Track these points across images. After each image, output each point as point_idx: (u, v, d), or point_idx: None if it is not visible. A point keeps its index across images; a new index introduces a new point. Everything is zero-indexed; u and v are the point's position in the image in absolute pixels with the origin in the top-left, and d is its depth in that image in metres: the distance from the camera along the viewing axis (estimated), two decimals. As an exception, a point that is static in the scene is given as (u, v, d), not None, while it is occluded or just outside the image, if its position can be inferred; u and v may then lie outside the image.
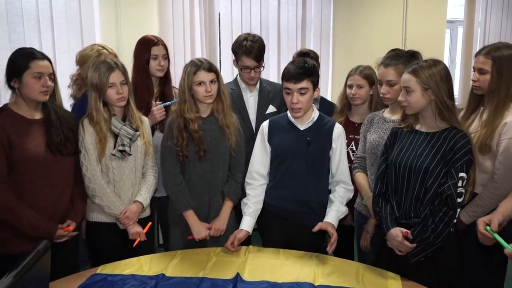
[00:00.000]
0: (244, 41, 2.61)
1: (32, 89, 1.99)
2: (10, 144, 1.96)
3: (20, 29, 3.14)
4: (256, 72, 2.65)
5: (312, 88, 2.15)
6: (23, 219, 1.98)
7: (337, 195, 2.21)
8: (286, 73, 2.15)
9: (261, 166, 2.28)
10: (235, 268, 1.95)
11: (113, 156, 2.20)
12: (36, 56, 2.01)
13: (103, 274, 1.91)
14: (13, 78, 2.00)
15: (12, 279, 1.18)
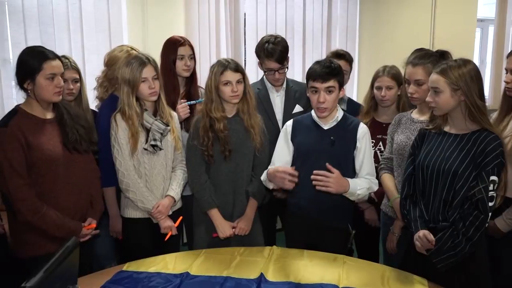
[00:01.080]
0: (266, 43, 2.61)
1: (46, 90, 1.98)
2: (28, 145, 1.94)
3: (50, 30, 3.22)
4: (280, 73, 2.65)
5: (338, 88, 2.14)
6: (48, 220, 1.98)
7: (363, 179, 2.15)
8: (312, 73, 2.14)
9: (281, 164, 2.26)
10: (259, 268, 1.95)
11: (145, 151, 2.24)
12: (48, 56, 1.97)
13: (129, 271, 1.94)
14: (26, 80, 1.97)
15: (42, 274, 1.21)
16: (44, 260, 1.29)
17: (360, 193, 2.11)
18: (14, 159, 1.91)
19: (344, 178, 2.05)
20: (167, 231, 2.27)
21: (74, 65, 2.45)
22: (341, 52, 2.91)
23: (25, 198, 1.94)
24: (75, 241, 1.46)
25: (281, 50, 2.59)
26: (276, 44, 2.59)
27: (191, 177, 2.32)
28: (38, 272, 1.22)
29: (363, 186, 2.12)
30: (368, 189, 2.15)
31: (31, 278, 1.19)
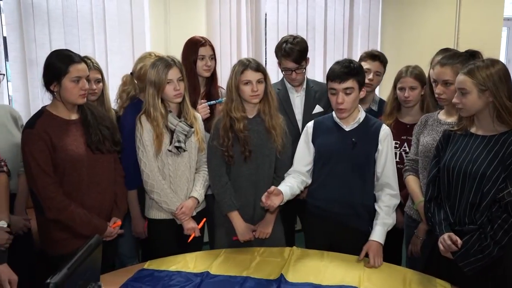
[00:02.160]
0: (284, 43, 2.60)
1: (72, 93, 2.02)
2: (53, 146, 1.99)
3: (75, 32, 3.28)
4: (297, 73, 2.63)
5: (358, 88, 2.12)
6: (76, 217, 2.02)
7: (383, 206, 2.15)
8: (330, 73, 2.13)
9: (302, 166, 2.26)
10: (279, 268, 1.95)
11: (169, 152, 2.25)
12: (74, 59, 2.01)
13: (150, 270, 1.96)
14: (52, 82, 2.01)
15: (66, 270, 1.23)
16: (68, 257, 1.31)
17: (392, 224, 2.15)
18: (40, 159, 1.96)
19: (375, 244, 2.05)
20: (190, 232, 2.28)
21: (96, 65, 2.48)
22: (375, 53, 2.86)
23: (53, 196, 1.99)
24: (98, 239, 1.48)
25: (299, 50, 2.58)
26: (295, 44, 2.58)
27: (212, 179, 2.32)
28: (62, 268, 1.24)
29: (388, 223, 2.13)
30: (394, 209, 2.16)
31: (55, 275, 1.22)
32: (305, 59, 2.64)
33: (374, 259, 2.00)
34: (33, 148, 1.96)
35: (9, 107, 2.56)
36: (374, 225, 2.13)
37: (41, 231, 2.14)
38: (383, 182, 2.17)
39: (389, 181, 2.17)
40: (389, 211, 2.14)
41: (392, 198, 2.16)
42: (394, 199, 2.17)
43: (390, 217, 2.14)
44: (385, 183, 2.17)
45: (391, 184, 2.17)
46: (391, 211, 2.15)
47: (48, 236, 2.09)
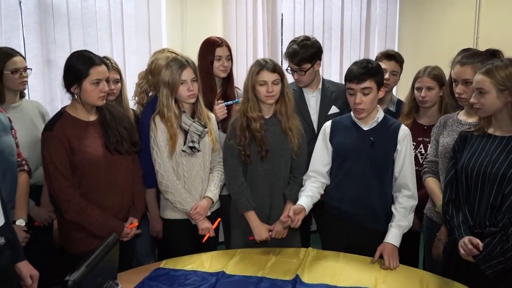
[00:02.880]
0: (292, 43, 2.60)
1: (91, 95, 2.03)
2: (72, 148, 2.01)
3: (93, 33, 3.32)
4: (299, 75, 2.61)
5: (376, 88, 2.10)
6: (92, 219, 2.04)
7: (399, 207, 2.13)
8: (348, 74, 2.12)
9: (321, 166, 2.25)
10: (294, 269, 1.95)
11: (183, 153, 2.26)
12: (95, 62, 2.03)
13: (166, 269, 1.98)
14: (73, 84, 2.03)
15: (85, 268, 1.25)
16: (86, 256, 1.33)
17: (408, 226, 2.13)
18: (58, 162, 1.99)
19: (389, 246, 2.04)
20: (204, 232, 2.29)
21: (115, 66, 2.51)
22: (391, 52, 2.84)
23: (70, 199, 2.01)
24: (115, 237, 1.50)
25: (302, 53, 2.54)
26: (300, 46, 2.56)
27: (228, 179, 2.33)
28: (80, 266, 1.26)
29: (403, 225, 2.10)
30: (410, 211, 2.14)
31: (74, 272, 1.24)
32: (310, 63, 2.58)
33: (389, 261, 1.99)
34: (52, 151, 1.99)
35: (37, 103, 2.61)
36: (389, 227, 2.11)
37: (60, 230, 2.18)
38: (401, 183, 2.15)
39: (406, 182, 2.14)
40: (405, 213, 2.12)
41: (409, 199, 2.14)
42: (411, 201, 2.14)
43: (406, 219, 2.12)
44: (402, 184, 2.15)
45: (408, 185, 2.14)
46: (408, 213, 2.13)
47: (66, 234, 2.13)
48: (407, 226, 2.12)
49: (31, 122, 2.40)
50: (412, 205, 2.15)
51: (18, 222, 2.03)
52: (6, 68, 2.29)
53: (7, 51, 2.36)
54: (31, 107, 2.47)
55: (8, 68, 2.30)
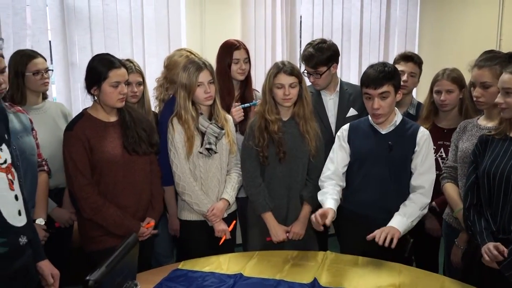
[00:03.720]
0: (308, 45, 2.59)
1: (110, 97, 2.08)
2: (91, 147, 2.06)
3: (114, 36, 3.37)
4: (315, 78, 2.60)
5: (393, 92, 2.07)
6: (108, 218, 2.08)
7: (408, 202, 2.08)
8: (365, 78, 2.09)
9: (341, 168, 2.22)
10: (312, 273, 1.94)
11: (200, 154, 2.28)
12: (114, 65, 2.07)
13: (184, 270, 1.99)
14: (93, 86, 2.08)
15: (105, 268, 1.27)
16: (106, 255, 1.35)
17: (415, 221, 2.06)
18: (78, 160, 2.04)
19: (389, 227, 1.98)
20: (221, 234, 2.30)
21: (138, 68, 2.55)
22: (408, 54, 2.80)
23: (88, 197, 2.06)
24: (135, 238, 1.52)
25: (317, 56, 2.53)
26: (316, 50, 2.54)
27: (246, 180, 2.33)
28: (100, 266, 1.28)
29: (408, 212, 2.04)
30: (421, 209, 2.08)
31: (94, 272, 1.25)
32: (326, 66, 2.56)
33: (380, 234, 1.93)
34: (72, 150, 2.04)
35: (61, 105, 2.67)
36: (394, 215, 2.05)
37: (79, 228, 2.23)
38: (417, 184, 2.11)
39: (422, 181, 2.10)
40: (413, 207, 2.05)
41: (422, 196, 2.08)
42: (423, 198, 2.08)
43: (413, 210, 2.04)
44: (418, 183, 2.10)
45: (423, 184, 2.09)
46: (416, 207, 2.05)
47: (84, 232, 2.17)
48: (411, 214, 2.03)
49: (53, 123, 2.45)
50: (423, 202, 2.08)
51: (38, 221, 2.07)
52: (27, 69, 2.34)
53: (28, 53, 2.40)
54: (54, 108, 2.52)
55: (30, 70, 2.34)
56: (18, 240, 1.55)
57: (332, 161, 2.24)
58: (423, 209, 2.10)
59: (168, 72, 2.67)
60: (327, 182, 2.20)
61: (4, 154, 1.53)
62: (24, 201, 1.62)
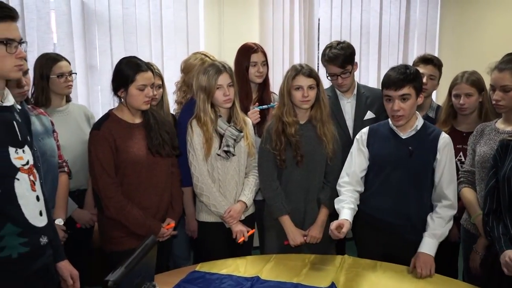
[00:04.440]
0: (328, 49, 2.59)
1: (137, 100, 2.12)
2: (117, 147, 2.10)
3: (133, 39, 3.41)
4: (343, 79, 2.59)
5: (415, 94, 2.04)
6: (131, 217, 2.11)
7: (435, 216, 2.06)
8: (386, 80, 2.07)
9: (358, 172, 2.20)
10: (330, 277, 1.92)
11: (218, 156, 2.29)
12: (141, 68, 2.11)
13: (201, 272, 1.99)
14: (120, 89, 2.13)
15: (124, 269, 1.28)
16: (125, 256, 1.36)
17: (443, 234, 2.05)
18: (104, 160, 2.08)
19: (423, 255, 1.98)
20: (239, 235, 2.29)
21: (158, 72, 2.59)
22: (428, 56, 2.78)
23: (112, 196, 2.09)
24: (153, 239, 1.53)
25: (343, 55, 2.54)
26: (339, 49, 2.55)
27: (263, 183, 2.33)
28: (119, 267, 1.29)
29: (437, 233, 2.03)
30: (448, 221, 2.06)
31: (113, 273, 1.26)
32: (351, 64, 2.59)
33: (421, 269, 1.93)
34: (98, 149, 2.08)
35: (84, 107, 2.72)
36: (423, 236, 2.04)
37: (100, 228, 2.26)
38: (440, 193, 2.08)
39: (446, 191, 2.07)
40: (441, 222, 2.05)
41: (448, 209, 2.07)
42: (450, 210, 2.07)
43: (442, 228, 2.04)
44: (442, 194, 2.08)
45: (448, 195, 2.07)
46: (444, 222, 2.05)
47: (105, 233, 2.20)
48: (442, 235, 2.04)
49: (76, 125, 2.50)
50: (450, 215, 2.07)
51: (57, 222, 2.11)
52: (52, 72, 2.39)
53: (53, 56, 2.46)
54: (77, 110, 2.57)
55: (54, 73, 2.40)
56: (39, 240, 1.58)
57: (350, 165, 2.22)
58: (451, 221, 2.08)
59: (185, 75, 2.71)
60: (344, 188, 2.18)
61: (26, 155, 1.55)
62: (45, 201, 1.65)
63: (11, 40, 1.44)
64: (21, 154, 1.53)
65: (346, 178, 2.20)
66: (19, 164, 1.51)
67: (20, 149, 1.53)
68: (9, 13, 1.45)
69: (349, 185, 2.18)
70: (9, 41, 1.44)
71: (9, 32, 1.44)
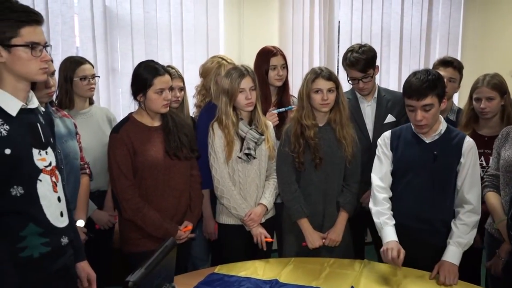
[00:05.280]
0: (349, 53, 2.56)
1: (155, 104, 2.14)
2: (134, 150, 2.12)
3: (154, 42, 3.45)
4: (364, 83, 2.57)
5: (438, 102, 1.99)
6: (148, 220, 2.13)
7: (459, 223, 2.01)
8: (407, 89, 2.00)
9: (388, 178, 2.15)
10: (349, 281, 1.91)
11: (239, 159, 2.30)
12: (159, 72, 2.13)
13: (220, 274, 2.00)
14: (139, 93, 2.15)
15: (144, 270, 1.29)
16: (142, 258, 1.38)
17: (469, 244, 2.00)
18: (121, 162, 2.11)
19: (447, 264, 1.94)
20: (259, 237, 2.28)
21: (179, 74, 2.62)
22: (448, 59, 2.74)
23: (129, 198, 2.12)
24: (173, 241, 1.53)
25: (364, 59, 2.51)
26: (360, 53, 2.52)
27: (282, 186, 2.33)
28: (140, 268, 1.30)
29: (462, 242, 1.98)
30: (472, 227, 2.01)
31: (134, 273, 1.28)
32: (372, 68, 2.56)
33: (444, 278, 1.90)
34: (117, 152, 2.11)
35: (106, 110, 2.77)
36: (447, 243, 2.00)
37: (119, 230, 2.29)
38: (463, 197, 2.04)
39: (469, 197, 2.03)
40: (466, 229, 2.00)
41: (471, 214, 2.02)
42: (473, 215, 2.02)
43: (467, 236, 1.99)
44: (465, 198, 2.04)
45: (471, 199, 2.03)
46: (469, 229, 2.00)
47: (123, 234, 2.23)
48: (467, 244, 1.99)
49: (98, 128, 2.54)
50: (474, 220, 2.02)
51: (78, 223, 2.14)
52: (76, 75, 2.44)
53: (77, 59, 2.51)
54: (99, 113, 2.61)
55: (78, 75, 2.45)
56: (60, 240, 1.60)
57: (380, 169, 2.15)
58: (475, 228, 2.03)
59: (203, 79, 2.74)
60: (381, 194, 2.10)
61: (49, 157, 1.58)
62: (66, 202, 1.67)
63: (36, 43, 1.47)
64: (44, 155, 1.56)
65: (380, 183, 2.13)
66: (42, 166, 1.54)
67: (43, 150, 1.55)
68: (34, 17, 1.48)
69: (384, 192, 2.12)
70: (34, 45, 1.47)
71: (35, 36, 1.47)
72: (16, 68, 1.47)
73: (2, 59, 1.44)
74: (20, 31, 1.44)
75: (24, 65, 1.46)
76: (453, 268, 1.94)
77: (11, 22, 1.43)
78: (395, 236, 1.99)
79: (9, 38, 1.43)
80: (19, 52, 1.45)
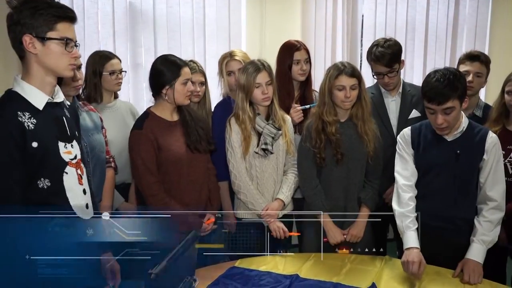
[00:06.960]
0: (374, 47, 2.53)
1: (181, 94, 2.16)
2: (159, 146, 2.14)
3: (177, 37, 3.48)
4: (390, 78, 2.53)
5: (459, 104, 1.92)
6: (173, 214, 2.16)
7: (483, 220, 1.97)
8: (426, 92, 1.94)
9: (415, 176, 2.10)
10: (370, 277, 1.90)
11: (256, 154, 2.30)
12: (182, 63, 2.17)
13: (240, 268, 2.01)
14: (164, 86, 2.15)
15: (166, 262, 1.31)
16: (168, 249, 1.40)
17: (493, 241, 1.96)
18: (147, 159, 2.13)
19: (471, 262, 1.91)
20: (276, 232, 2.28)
21: (201, 68, 2.64)
22: (474, 53, 2.66)
23: (155, 194, 2.14)
24: (195, 234, 1.56)
25: (390, 53, 2.47)
26: (386, 48, 2.48)
27: (302, 181, 2.32)
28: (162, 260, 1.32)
29: (487, 240, 1.94)
30: (496, 224, 1.97)
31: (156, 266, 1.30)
32: (398, 62, 2.53)
33: (469, 276, 1.87)
34: (141, 148, 2.13)
35: (130, 104, 2.82)
36: (471, 241, 1.96)
37: None
38: (487, 194, 1.99)
39: (493, 194, 1.98)
40: (490, 226, 1.96)
41: (495, 211, 1.97)
42: (497, 212, 1.97)
43: (491, 233, 1.95)
44: (488, 196, 1.99)
45: (495, 196, 1.98)
46: (493, 226, 1.96)
47: None
48: (491, 241, 1.95)
49: (123, 121, 2.58)
50: (498, 217, 1.98)
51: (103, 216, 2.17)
52: (105, 69, 2.50)
53: (106, 54, 2.57)
54: (124, 107, 2.66)
55: (107, 70, 2.50)
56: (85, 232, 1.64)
57: (405, 167, 2.09)
58: (499, 225, 1.99)
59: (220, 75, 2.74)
60: (407, 193, 2.04)
61: (74, 150, 1.62)
62: (91, 195, 1.71)
63: (69, 39, 1.51)
64: (70, 148, 1.59)
65: (405, 181, 2.07)
66: (68, 158, 1.57)
67: (68, 143, 1.59)
68: (71, 14, 1.53)
69: (410, 190, 2.06)
70: (68, 40, 1.51)
71: (69, 32, 1.52)
72: (48, 61, 1.50)
73: (35, 51, 1.48)
74: (56, 26, 1.48)
75: (56, 58, 1.50)
76: (478, 267, 1.90)
77: (48, 17, 1.47)
78: (417, 242, 1.94)
79: (45, 32, 1.47)
80: (53, 46, 1.49)
